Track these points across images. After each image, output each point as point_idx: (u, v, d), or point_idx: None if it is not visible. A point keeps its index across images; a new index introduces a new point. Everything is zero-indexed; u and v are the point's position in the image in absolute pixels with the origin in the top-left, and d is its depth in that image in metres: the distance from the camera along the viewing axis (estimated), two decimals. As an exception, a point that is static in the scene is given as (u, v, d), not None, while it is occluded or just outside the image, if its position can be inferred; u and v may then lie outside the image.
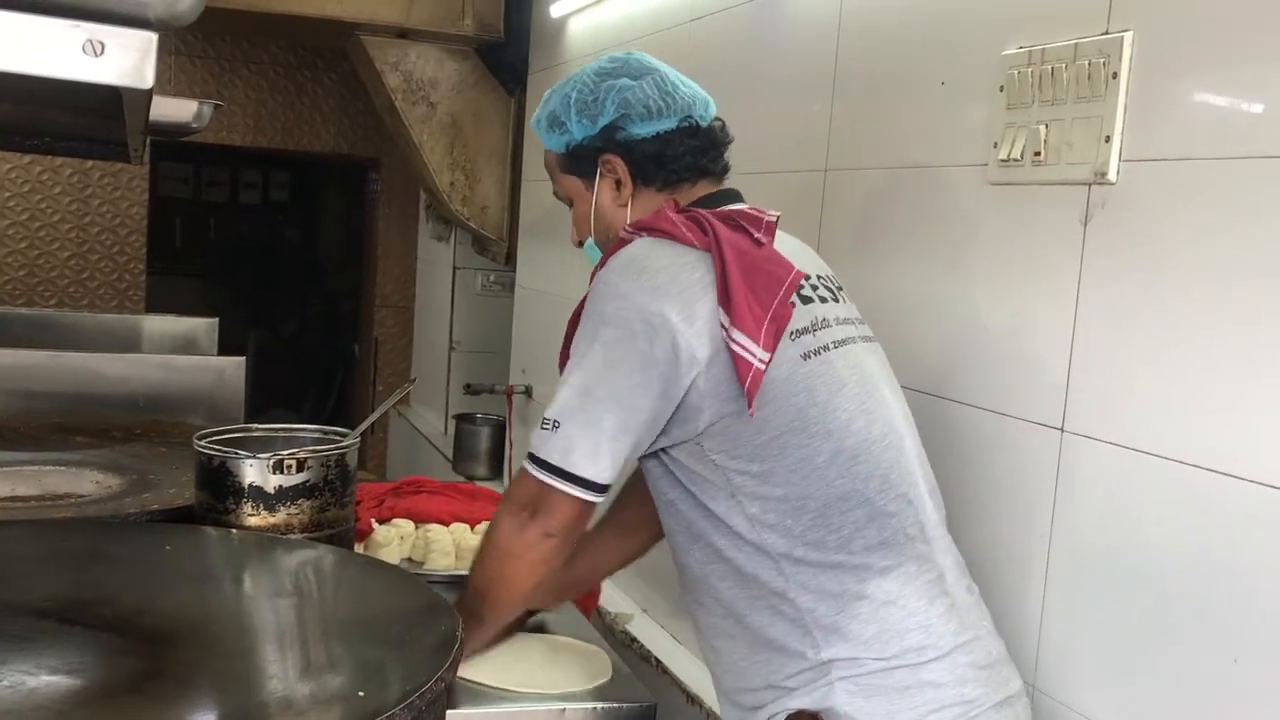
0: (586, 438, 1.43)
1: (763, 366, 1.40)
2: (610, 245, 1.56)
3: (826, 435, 1.45)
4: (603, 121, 1.60)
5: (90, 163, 5.14)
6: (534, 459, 1.46)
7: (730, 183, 1.69)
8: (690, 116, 1.61)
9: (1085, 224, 1.59)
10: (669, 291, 1.43)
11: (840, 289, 1.63)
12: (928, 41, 1.96)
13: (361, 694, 1.14)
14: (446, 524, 2.19)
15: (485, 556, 1.54)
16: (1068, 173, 1.61)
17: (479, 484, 3.35)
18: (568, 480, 1.43)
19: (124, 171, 5.26)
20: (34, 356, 2.64)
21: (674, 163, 1.60)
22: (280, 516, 1.61)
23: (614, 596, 3.10)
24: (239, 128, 5.51)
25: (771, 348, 1.41)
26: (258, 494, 1.60)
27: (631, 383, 1.42)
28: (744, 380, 1.40)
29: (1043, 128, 1.65)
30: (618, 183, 1.62)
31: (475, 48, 4.41)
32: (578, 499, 1.45)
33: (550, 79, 3.99)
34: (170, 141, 4.96)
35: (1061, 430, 1.63)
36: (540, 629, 1.88)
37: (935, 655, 1.43)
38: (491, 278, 5.01)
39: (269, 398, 6.69)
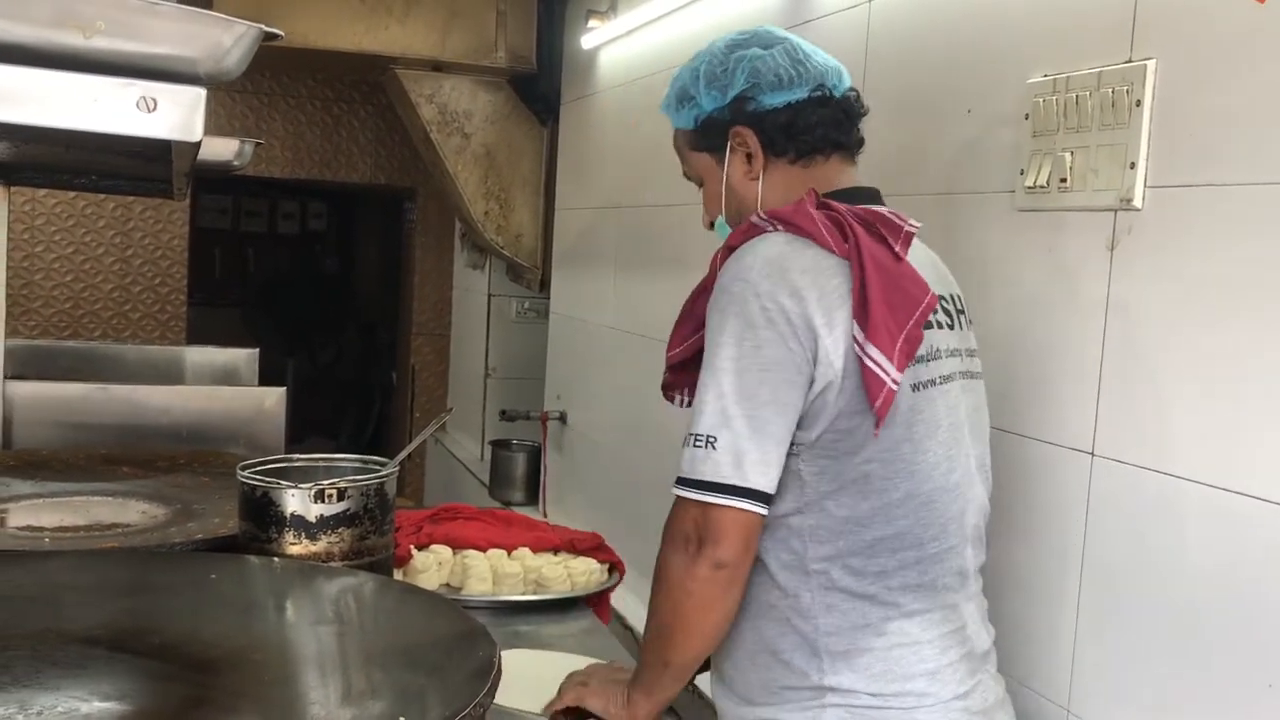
0: (755, 445, 1.36)
1: (895, 387, 1.36)
2: (742, 224, 1.52)
3: (909, 475, 1.43)
4: (733, 92, 1.55)
5: (132, 196, 5.25)
6: (689, 483, 1.38)
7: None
8: (823, 85, 1.55)
9: (1112, 249, 1.61)
10: (812, 295, 1.38)
11: (962, 312, 1.60)
12: (954, 70, 1.98)
13: (402, 719, 1.17)
14: (484, 550, 2.21)
15: (658, 601, 1.46)
16: (1094, 199, 1.63)
17: (515, 509, 3.38)
18: (738, 495, 1.36)
19: (165, 205, 5.37)
20: (81, 389, 2.69)
21: (806, 133, 1.55)
22: (321, 545, 1.64)
23: (643, 615, 3.10)
24: (277, 160, 5.60)
25: (903, 369, 1.37)
26: (300, 523, 1.63)
27: (789, 383, 1.37)
28: (875, 399, 1.36)
29: (1068, 155, 1.67)
30: (749, 156, 1.57)
31: (508, 79, 4.47)
32: (749, 514, 1.37)
33: (582, 109, 4.04)
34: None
35: (1092, 454, 1.63)
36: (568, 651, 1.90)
37: (933, 703, 1.43)
38: (526, 305, 5.06)
39: (308, 426, 6.77)
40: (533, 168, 4.55)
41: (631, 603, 3.12)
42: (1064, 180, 1.67)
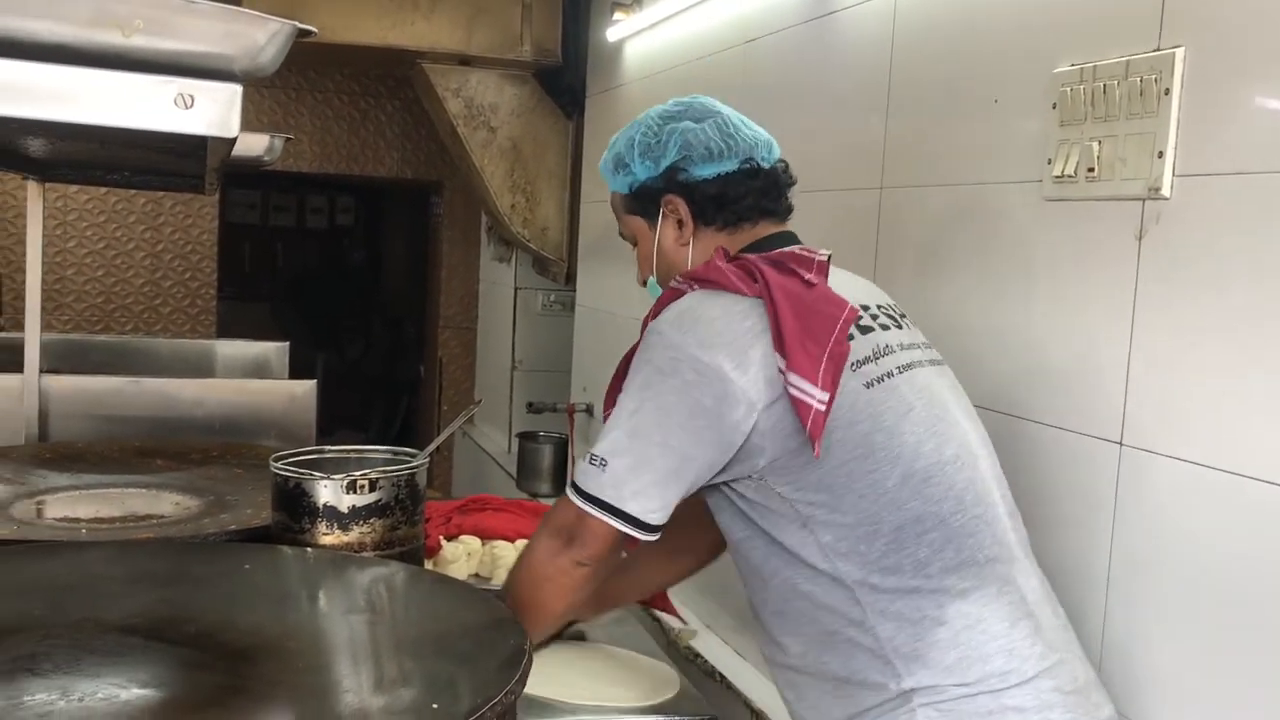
0: (636, 477, 1.46)
1: (822, 408, 1.40)
2: (669, 287, 1.60)
3: (895, 460, 1.45)
4: (665, 163, 1.63)
5: (163, 191, 5.30)
6: (577, 490, 1.49)
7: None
8: (752, 158, 1.63)
9: (1140, 239, 1.60)
10: (720, 342, 1.45)
11: (903, 316, 1.64)
12: (980, 60, 1.98)
13: (434, 706, 1.18)
14: (512, 540, 2.23)
15: (518, 578, 1.59)
16: (1122, 188, 1.62)
17: (543, 501, 3.40)
18: (612, 514, 1.47)
19: (195, 200, 5.41)
20: (115, 382, 2.73)
21: (735, 203, 1.62)
22: (353, 535, 1.66)
23: (680, 611, 3.12)
24: (305, 155, 5.64)
25: (830, 386, 1.41)
26: (332, 513, 1.65)
27: (684, 431, 1.45)
28: (805, 422, 1.41)
29: (1096, 144, 1.66)
30: (679, 223, 1.64)
31: (534, 72, 4.48)
32: (617, 531, 1.48)
33: (608, 101, 4.05)
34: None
35: (1120, 444, 1.63)
36: (600, 643, 1.92)
37: (1019, 680, 1.42)
38: (552, 297, 5.08)
39: (337, 419, 6.82)
40: (558, 161, 4.56)
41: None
42: (1091, 170, 1.67)
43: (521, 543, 2.23)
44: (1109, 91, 1.64)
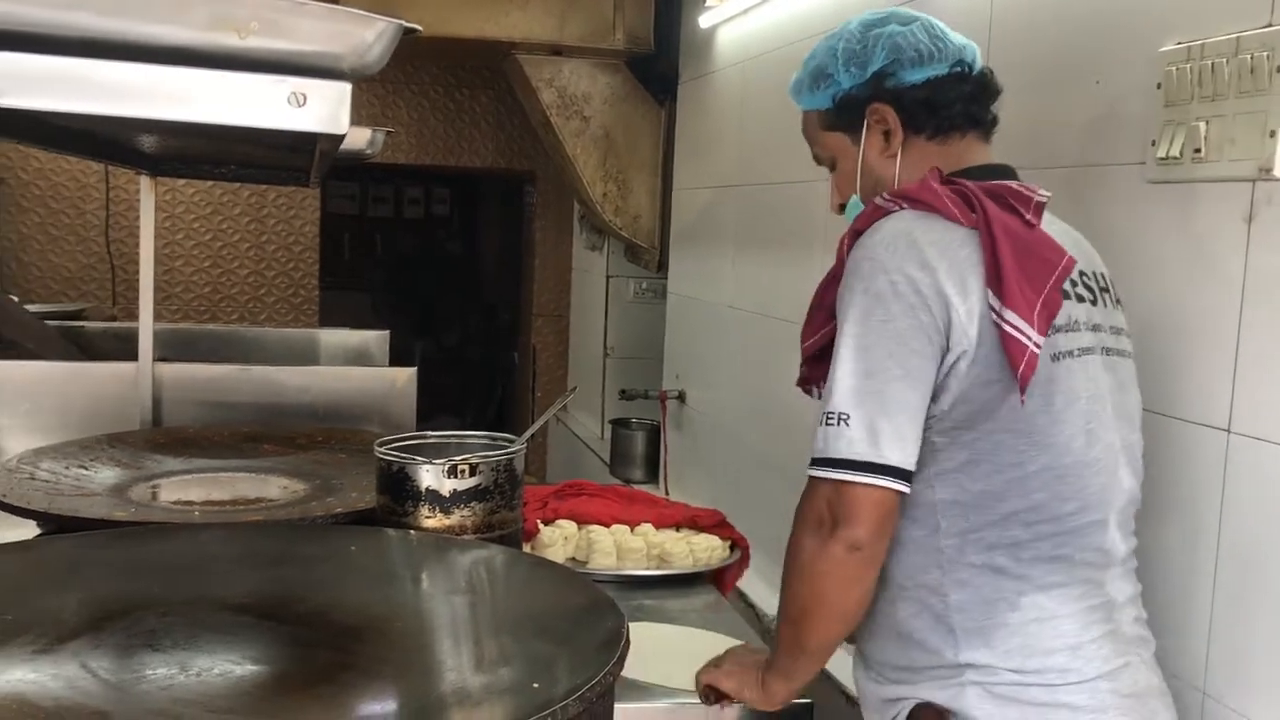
0: (888, 421, 1.34)
1: (1037, 350, 1.33)
2: (872, 204, 1.51)
3: (1046, 448, 1.40)
4: (872, 68, 1.55)
5: (267, 185, 5.44)
6: (823, 462, 1.36)
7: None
8: (962, 62, 1.56)
9: (1250, 221, 1.56)
10: (942, 265, 1.37)
11: (1106, 290, 1.57)
12: (1081, 39, 1.94)
13: (535, 686, 1.21)
14: (607, 525, 2.26)
15: (792, 585, 1.43)
16: (1230, 169, 1.58)
17: (636, 487, 3.43)
18: (873, 472, 1.34)
19: (297, 192, 5.55)
20: (224, 370, 2.82)
21: (945, 109, 1.55)
22: (454, 518, 1.70)
23: (771, 599, 3.12)
24: (403, 147, 5.74)
25: (1044, 332, 1.34)
26: (434, 497, 1.69)
27: (920, 357, 1.35)
28: (1017, 364, 1.33)
29: (1202, 124, 1.62)
30: (886, 134, 1.57)
31: (626, 60, 4.50)
32: (885, 491, 1.35)
33: (700, 88, 4.05)
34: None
35: (1228, 431, 1.59)
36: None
37: (1077, 679, 1.40)
38: (644, 285, 5.10)
39: (435, 405, 6.93)
40: (650, 149, 4.57)
41: (753, 580, 3.14)
42: (1198, 150, 1.63)
43: (617, 527, 2.25)
44: (1217, 70, 1.60)
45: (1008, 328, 1.34)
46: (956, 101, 1.54)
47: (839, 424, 1.35)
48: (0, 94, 0.73)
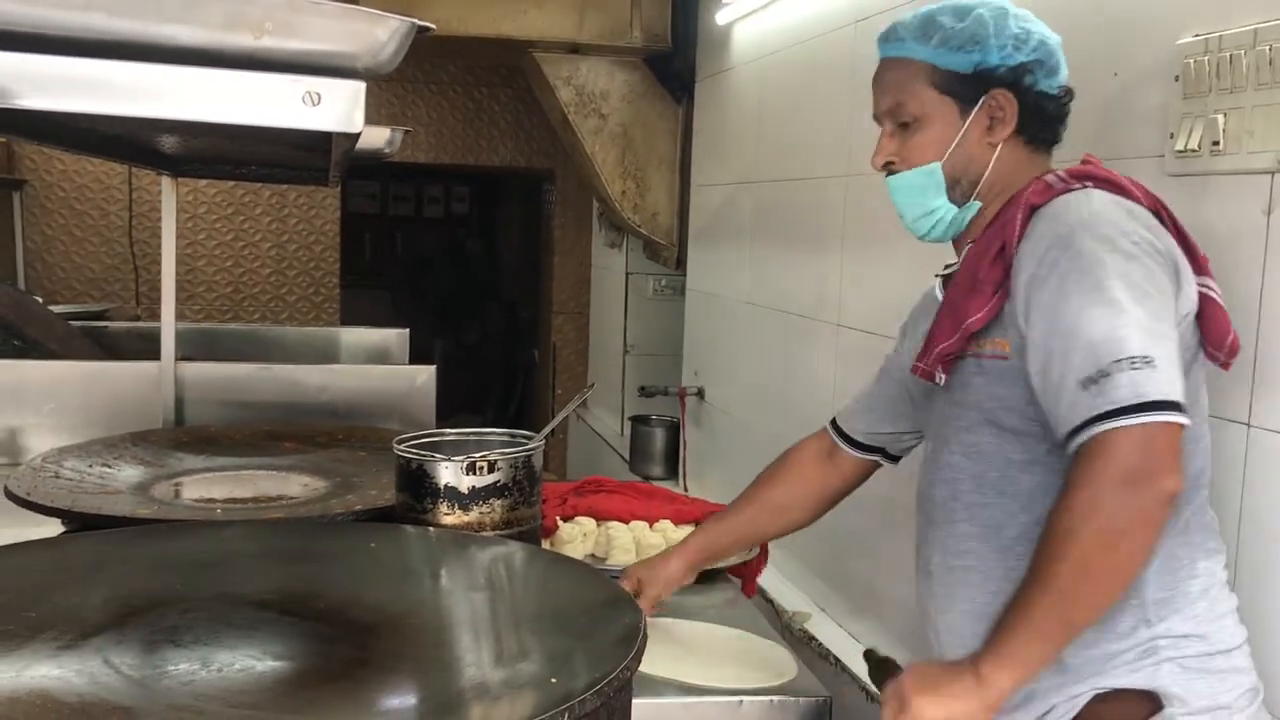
0: (1176, 364, 1.30)
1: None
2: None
3: (1203, 417, 1.45)
4: (1021, 57, 1.51)
5: (288, 185, 5.47)
6: (1133, 408, 1.26)
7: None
8: (1066, 87, 1.57)
9: (1269, 213, 1.55)
10: (1161, 232, 1.39)
11: None
12: (1099, 32, 1.92)
13: (553, 680, 1.21)
14: (626, 522, 2.26)
15: (1077, 552, 1.27)
16: (1249, 162, 1.57)
17: (655, 484, 3.43)
18: (1182, 412, 1.27)
19: (318, 192, 5.57)
20: (245, 369, 2.84)
21: (1055, 124, 1.57)
22: (473, 515, 1.71)
23: (791, 595, 3.12)
24: (422, 146, 5.76)
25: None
26: (453, 494, 1.70)
27: (1171, 312, 1.35)
28: (1226, 329, 1.40)
29: (1221, 116, 1.61)
30: (991, 123, 1.53)
31: (644, 58, 4.50)
32: (1181, 430, 1.28)
33: (717, 85, 4.04)
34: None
35: (1248, 425, 1.58)
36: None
37: (1238, 643, 1.43)
38: (663, 282, 5.10)
39: (455, 403, 6.95)
40: (668, 146, 4.57)
41: (771, 576, 3.14)
42: (1216, 143, 1.62)
43: (636, 523, 2.25)
44: (1235, 62, 1.59)
45: (1214, 295, 1.40)
46: (1061, 120, 1.56)
47: (1144, 366, 1.26)
48: (15, 96, 0.74)
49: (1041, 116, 1.54)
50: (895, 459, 1.85)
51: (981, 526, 1.49)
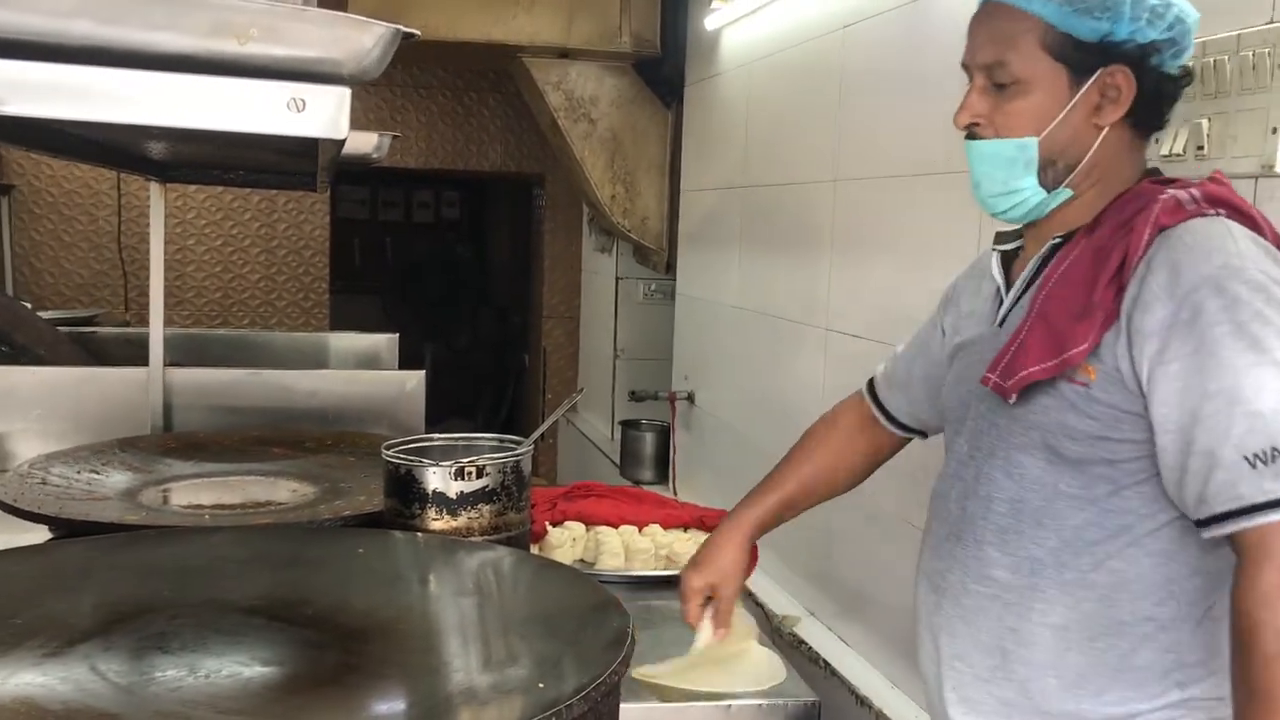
0: None
1: None
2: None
3: None
4: (1154, 34, 1.32)
5: (277, 190, 5.46)
6: None
7: (890, 187, 1.61)
8: (1189, 67, 1.39)
9: (1253, 217, 1.56)
10: None
11: None
12: (1085, 38, 1.93)
13: (541, 685, 1.21)
14: (615, 526, 2.27)
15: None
16: (1233, 166, 1.58)
17: (646, 488, 3.43)
18: None
19: (307, 197, 5.57)
20: (234, 374, 2.84)
21: (1167, 110, 1.39)
22: (462, 520, 1.71)
23: (780, 599, 3.13)
24: (412, 150, 5.76)
25: None
26: (441, 499, 1.70)
27: None
28: None
29: (1205, 121, 1.62)
30: (1101, 102, 1.34)
31: (633, 63, 4.51)
32: None
33: (706, 90, 4.05)
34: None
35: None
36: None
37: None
38: (653, 286, 5.11)
39: (445, 408, 6.95)
40: (658, 150, 4.58)
41: (760, 579, 3.15)
42: (1201, 148, 1.63)
43: (625, 528, 2.25)
44: (1219, 67, 1.60)
45: None
46: (1174, 104, 1.39)
47: None
48: (2, 103, 0.74)
49: (1157, 101, 1.36)
50: (928, 435, 1.75)
51: (1011, 556, 1.37)
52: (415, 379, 2.90)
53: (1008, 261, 1.50)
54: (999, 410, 1.39)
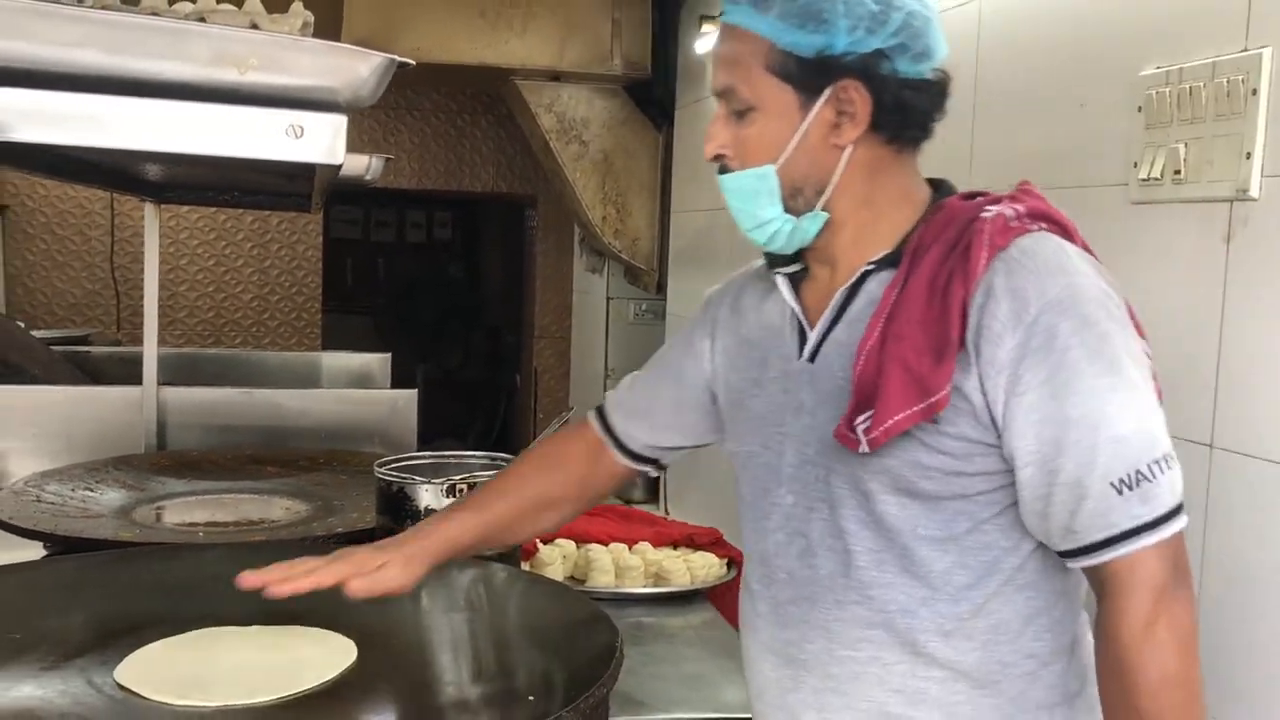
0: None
1: None
2: (805, 190, 1.27)
3: None
4: (877, 42, 1.22)
5: (270, 210, 5.48)
6: (1172, 514, 1.14)
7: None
8: (940, 69, 1.28)
9: (1228, 241, 1.59)
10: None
11: None
12: (1066, 64, 1.97)
13: (531, 698, 1.24)
14: (606, 544, 2.29)
15: (1178, 680, 1.14)
16: (1209, 190, 1.62)
17: (636, 506, 3.45)
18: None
19: (300, 217, 5.59)
20: (227, 394, 2.86)
21: (925, 118, 1.28)
22: (453, 537, 1.73)
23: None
24: (405, 171, 5.79)
25: None
26: (432, 517, 1.72)
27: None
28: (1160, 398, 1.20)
29: (1182, 146, 1.66)
30: (839, 119, 1.24)
31: (624, 85, 4.55)
32: None
33: (697, 113, 4.09)
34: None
35: (1211, 446, 1.62)
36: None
37: None
38: (643, 307, 5.13)
39: (437, 427, 6.96)
40: (649, 172, 4.62)
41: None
42: (1178, 172, 1.66)
43: (615, 545, 2.28)
44: (1195, 94, 1.64)
45: (1155, 367, 1.22)
46: (930, 111, 1.28)
47: (1172, 463, 1.15)
48: (9, 129, 0.77)
49: (904, 111, 1.25)
50: (664, 468, 1.63)
51: (882, 612, 1.24)
52: (406, 397, 2.92)
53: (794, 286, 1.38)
54: (837, 457, 1.26)
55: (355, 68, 0.83)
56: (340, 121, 0.83)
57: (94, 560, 1.73)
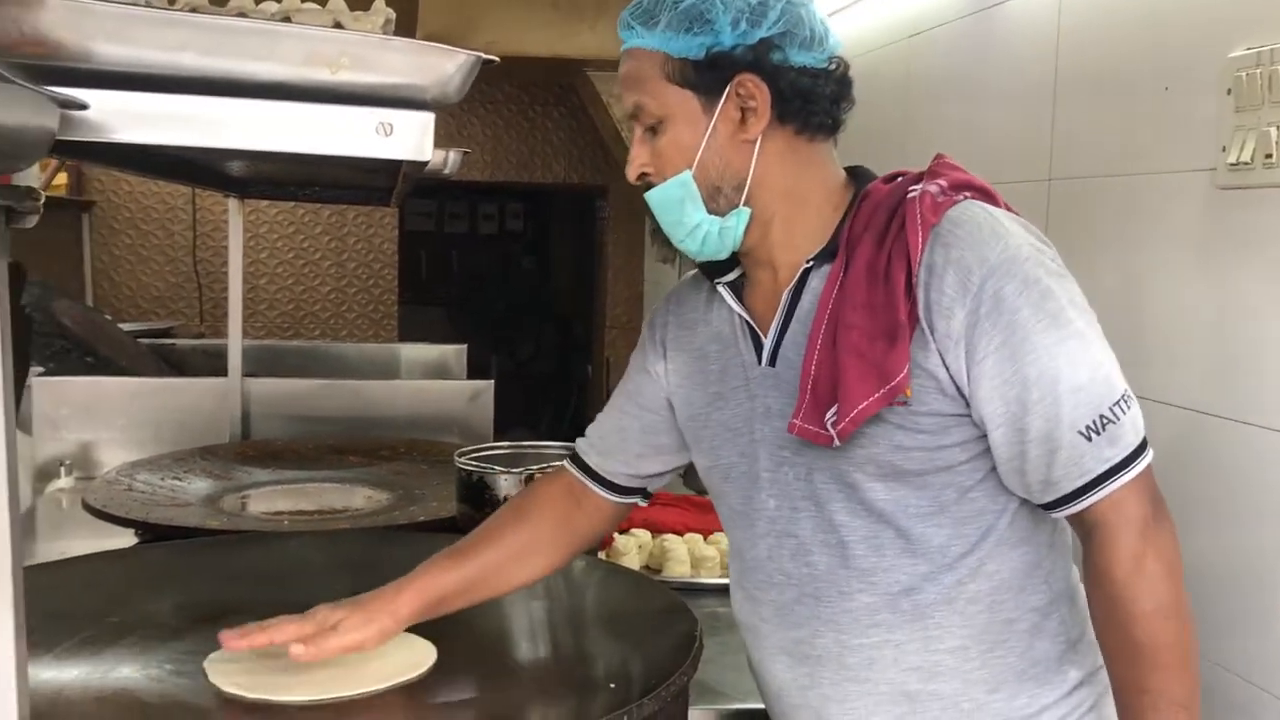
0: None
1: None
2: (724, 189, 1.30)
3: None
4: (762, 32, 1.26)
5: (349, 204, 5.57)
6: (1139, 449, 1.19)
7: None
8: (837, 57, 1.33)
9: (1322, 226, 1.55)
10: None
11: None
12: (1150, 46, 1.93)
13: (612, 686, 1.25)
14: (681, 534, 2.29)
15: (1169, 625, 1.18)
16: (1301, 173, 1.58)
17: (709, 497, 3.45)
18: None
19: (376, 210, 5.67)
20: (309, 384, 2.92)
21: (830, 105, 1.32)
22: (532, 526, 1.75)
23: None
24: (477, 164, 5.84)
25: None
26: (511, 506, 1.74)
27: None
28: None
29: (1273, 129, 1.61)
30: (744, 114, 1.28)
31: (696, 75, 4.54)
32: None
33: (770, 101, 4.08)
34: (416, 181, 5.31)
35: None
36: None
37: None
38: (716, 297, 5.12)
39: (509, 418, 7.01)
40: (721, 161, 4.61)
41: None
42: (1269, 156, 1.62)
43: (691, 535, 2.28)
44: (1286, 75, 1.59)
45: None
46: (835, 100, 1.33)
47: (1129, 404, 1.20)
48: (114, 130, 0.79)
49: (805, 98, 1.29)
50: (650, 496, 1.64)
51: (887, 594, 1.27)
52: (484, 388, 2.95)
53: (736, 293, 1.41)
54: (815, 454, 1.28)
55: (442, 65, 0.84)
56: (428, 119, 0.84)
57: (184, 548, 1.78)
